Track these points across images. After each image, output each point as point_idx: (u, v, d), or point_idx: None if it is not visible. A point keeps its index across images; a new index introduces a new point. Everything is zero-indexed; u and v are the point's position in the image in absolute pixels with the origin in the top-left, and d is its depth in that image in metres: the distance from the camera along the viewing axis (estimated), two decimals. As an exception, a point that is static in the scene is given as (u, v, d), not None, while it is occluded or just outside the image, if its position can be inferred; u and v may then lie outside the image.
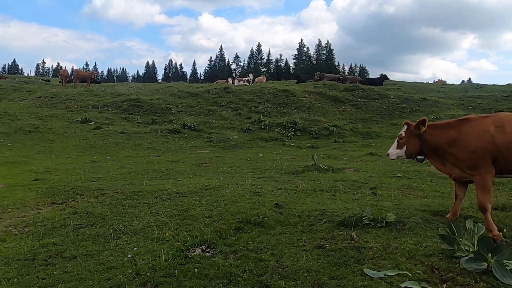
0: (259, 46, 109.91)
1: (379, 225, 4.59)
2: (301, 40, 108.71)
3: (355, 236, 4.25)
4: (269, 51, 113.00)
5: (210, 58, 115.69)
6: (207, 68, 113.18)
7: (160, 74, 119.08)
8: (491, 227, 4.35)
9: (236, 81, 34.20)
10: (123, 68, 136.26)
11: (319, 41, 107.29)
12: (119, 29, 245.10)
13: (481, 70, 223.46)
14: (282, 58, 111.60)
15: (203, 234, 4.65)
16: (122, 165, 11.31)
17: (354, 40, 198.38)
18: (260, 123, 19.48)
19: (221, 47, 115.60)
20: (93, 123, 18.57)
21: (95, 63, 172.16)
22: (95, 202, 6.59)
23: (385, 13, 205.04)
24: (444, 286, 3.18)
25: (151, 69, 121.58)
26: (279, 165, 10.81)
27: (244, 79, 35.29)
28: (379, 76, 32.06)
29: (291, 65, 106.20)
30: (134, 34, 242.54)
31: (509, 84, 35.52)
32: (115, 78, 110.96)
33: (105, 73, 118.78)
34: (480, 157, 4.52)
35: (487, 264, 3.31)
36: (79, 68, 57.02)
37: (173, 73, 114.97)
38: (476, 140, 4.57)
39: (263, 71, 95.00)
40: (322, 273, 3.50)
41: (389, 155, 5.26)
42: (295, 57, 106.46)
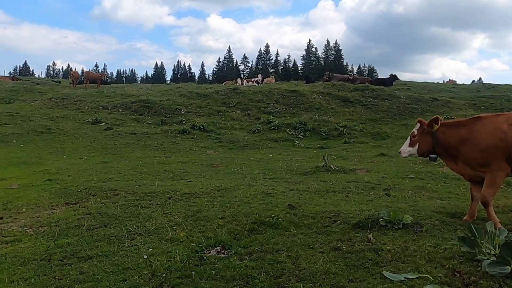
0: (267, 46, 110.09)
1: (396, 227, 4.51)
2: (309, 40, 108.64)
3: (372, 238, 4.19)
4: (277, 51, 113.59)
5: (218, 59, 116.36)
6: (215, 69, 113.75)
7: (169, 75, 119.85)
8: (495, 220, 4.60)
9: (245, 81, 34.24)
10: (132, 69, 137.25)
11: (328, 41, 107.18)
12: (128, 30, 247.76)
13: (492, 70, 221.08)
14: (290, 58, 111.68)
15: (217, 235, 4.62)
16: (133, 165, 11.35)
17: (362, 40, 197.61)
18: (270, 124, 19.43)
19: (229, 48, 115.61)
20: (103, 124, 18.72)
21: (105, 64, 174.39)
22: (108, 202, 6.61)
23: (394, 12, 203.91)
24: (466, 290, 3.11)
25: (159, 70, 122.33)
26: (289, 166, 10.76)
27: (253, 79, 35.31)
28: (389, 76, 31.79)
29: (299, 65, 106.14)
30: (143, 36, 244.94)
31: (522, 83, 35.01)
32: (124, 79, 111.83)
33: (114, 74, 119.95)
34: (492, 154, 4.51)
35: (511, 268, 3.23)
36: (89, 70, 57.55)
37: (182, 74, 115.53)
38: (488, 138, 4.56)
39: (271, 71, 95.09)
40: (340, 275, 3.44)
41: (401, 153, 5.22)
42: (303, 57, 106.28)
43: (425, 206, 5.71)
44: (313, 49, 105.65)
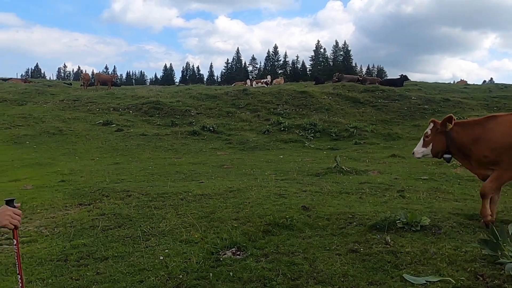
0: (275, 48, 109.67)
1: (413, 229, 4.44)
2: (318, 41, 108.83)
3: (389, 240, 4.12)
4: (285, 52, 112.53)
5: (227, 60, 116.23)
6: (223, 71, 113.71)
7: (178, 77, 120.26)
8: (486, 213, 4.60)
9: (254, 83, 34.23)
10: (141, 71, 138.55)
11: (336, 42, 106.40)
12: (137, 33, 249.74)
13: (503, 70, 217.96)
14: (298, 59, 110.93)
15: (231, 237, 4.60)
16: (144, 166, 11.41)
17: (371, 41, 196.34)
18: (279, 125, 19.37)
19: (237, 49, 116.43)
20: (114, 125, 18.86)
21: (114, 66, 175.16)
22: (121, 203, 6.64)
23: (403, 13, 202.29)
24: (489, 293, 3.03)
25: (168, 72, 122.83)
26: (300, 167, 10.70)
27: (262, 80, 35.26)
28: (399, 76, 31.51)
29: (307, 66, 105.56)
30: (151, 38, 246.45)
31: (535, 83, 34.42)
32: (133, 81, 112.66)
33: (124, 76, 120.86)
34: (503, 153, 4.44)
35: (536, 271, 3.15)
36: (100, 72, 58.10)
37: (190, 75, 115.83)
38: (501, 136, 4.50)
39: (280, 72, 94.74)
40: (360, 278, 3.39)
41: (414, 153, 5.16)
42: (312, 58, 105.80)
43: (441, 208, 5.62)
44: (322, 50, 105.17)
